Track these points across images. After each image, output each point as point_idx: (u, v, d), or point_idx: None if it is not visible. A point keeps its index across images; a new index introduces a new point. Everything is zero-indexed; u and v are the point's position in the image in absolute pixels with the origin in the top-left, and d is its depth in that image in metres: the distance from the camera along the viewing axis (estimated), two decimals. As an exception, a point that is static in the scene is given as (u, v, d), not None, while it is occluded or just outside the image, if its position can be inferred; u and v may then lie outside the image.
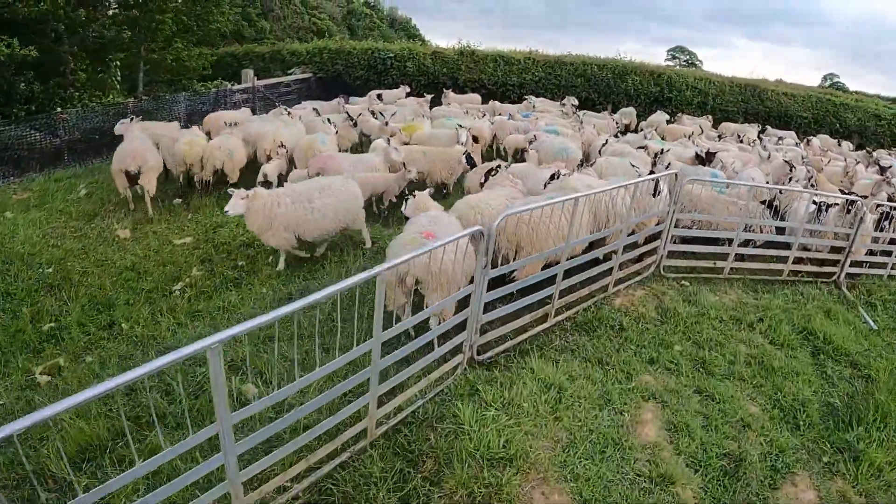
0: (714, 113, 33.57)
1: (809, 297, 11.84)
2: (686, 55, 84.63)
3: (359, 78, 35.69)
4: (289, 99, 31.39)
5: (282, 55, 37.41)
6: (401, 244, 8.50)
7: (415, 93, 31.52)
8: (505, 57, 35.43)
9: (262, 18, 65.05)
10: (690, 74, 36.13)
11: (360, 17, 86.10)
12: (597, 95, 34.69)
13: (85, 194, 16.57)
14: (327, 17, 76.57)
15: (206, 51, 31.14)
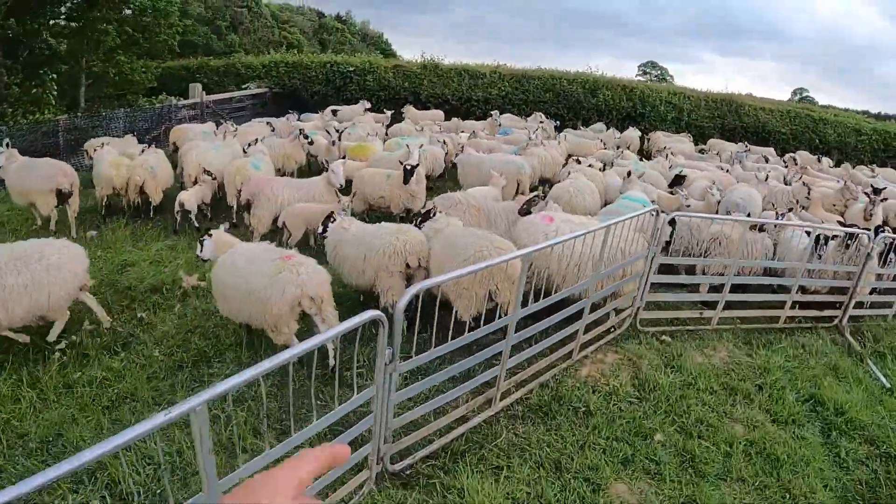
0: (689, 129, 32.33)
1: (812, 351, 9.96)
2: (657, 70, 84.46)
3: (316, 93, 34.02)
4: (241, 115, 29.72)
5: (236, 69, 35.51)
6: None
7: (375, 109, 29.72)
8: (470, 71, 33.87)
9: (232, 32, 63.87)
10: (664, 89, 34.78)
11: (331, 32, 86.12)
12: (566, 111, 33.12)
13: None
14: (298, 32, 76.31)
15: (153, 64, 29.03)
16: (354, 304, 10.16)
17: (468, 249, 8.39)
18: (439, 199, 11.84)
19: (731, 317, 10.44)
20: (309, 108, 29.62)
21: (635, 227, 8.86)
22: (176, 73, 35.76)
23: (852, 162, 31.01)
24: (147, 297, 10.77)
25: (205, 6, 62.28)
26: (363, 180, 14.27)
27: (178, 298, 10.69)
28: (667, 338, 9.54)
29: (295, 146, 17.76)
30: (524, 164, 16.08)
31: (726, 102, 33.58)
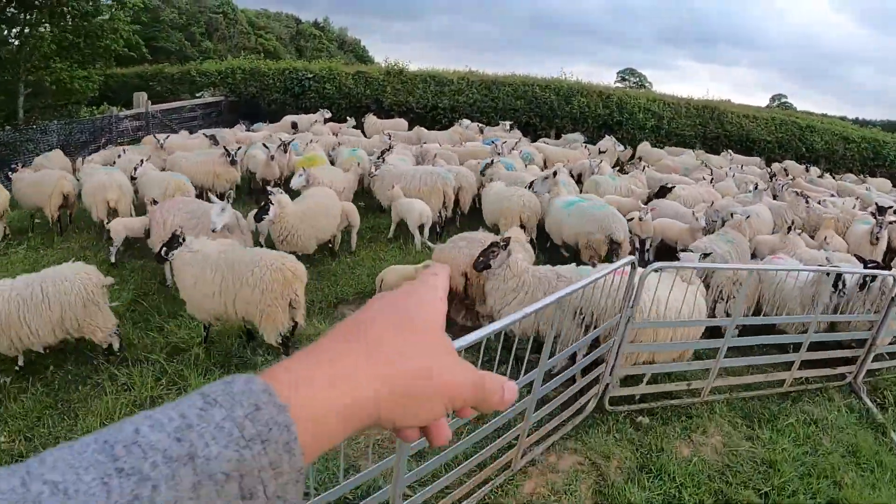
0: (670, 138, 30.60)
1: (825, 426, 7.89)
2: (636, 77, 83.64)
3: (274, 101, 32.22)
4: (192, 125, 27.82)
5: (191, 76, 33.49)
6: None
7: (337, 118, 28.24)
8: (436, 77, 32.04)
9: (207, 38, 62.49)
10: (643, 96, 32.92)
11: (308, 39, 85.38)
12: (538, 119, 31.28)
13: None
14: (274, 38, 75.14)
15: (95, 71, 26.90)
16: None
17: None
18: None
19: (724, 385, 8.37)
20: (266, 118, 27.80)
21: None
22: (129, 82, 34.02)
23: (840, 171, 29.82)
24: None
25: (178, 12, 60.81)
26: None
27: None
28: (644, 419, 7.44)
29: (224, 164, 15.71)
30: (448, 176, 14.68)
31: (708, 110, 31.87)
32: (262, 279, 7.94)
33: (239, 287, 8.00)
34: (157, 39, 55.73)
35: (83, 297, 7.85)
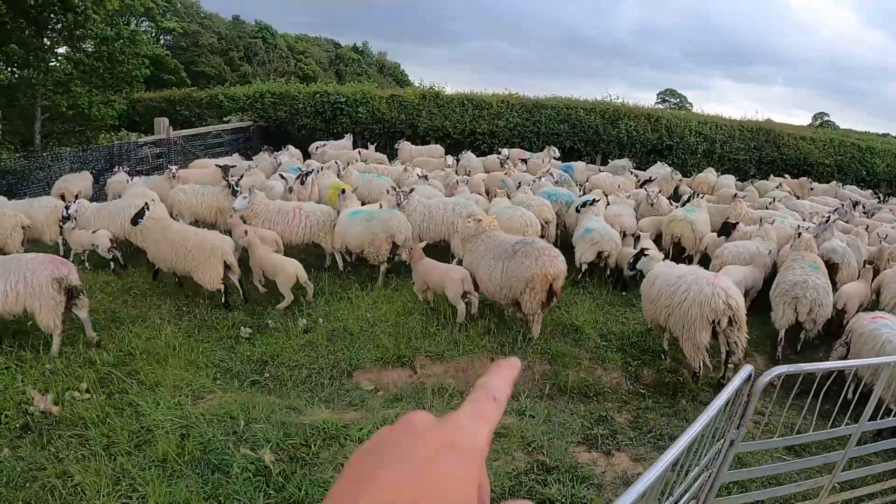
0: (723, 162, 28.65)
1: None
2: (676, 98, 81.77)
3: (304, 126, 30.76)
4: (219, 152, 26.66)
5: (219, 100, 32.29)
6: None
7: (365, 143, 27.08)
8: (474, 100, 30.38)
9: (246, 62, 62.22)
10: (693, 118, 30.80)
11: (347, 63, 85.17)
12: (583, 144, 29.47)
13: None
14: (314, 62, 74.75)
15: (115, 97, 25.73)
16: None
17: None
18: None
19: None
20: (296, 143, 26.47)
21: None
22: (156, 106, 32.89)
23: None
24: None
25: (217, 37, 60.47)
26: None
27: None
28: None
29: (228, 198, 14.59)
30: (396, 224, 13.21)
31: (763, 132, 29.81)
32: (198, 250, 11.58)
33: (186, 251, 11.62)
34: (196, 64, 55.41)
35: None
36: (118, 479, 6.42)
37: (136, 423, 7.38)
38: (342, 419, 7.34)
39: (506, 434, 7.26)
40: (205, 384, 8.73)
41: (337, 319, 11.04)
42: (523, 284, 10.18)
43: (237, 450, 6.62)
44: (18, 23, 22.09)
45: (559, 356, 10.12)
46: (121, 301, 11.85)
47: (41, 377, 8.57)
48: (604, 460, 7.07)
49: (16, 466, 6.70)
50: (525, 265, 10.15)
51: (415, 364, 9.83)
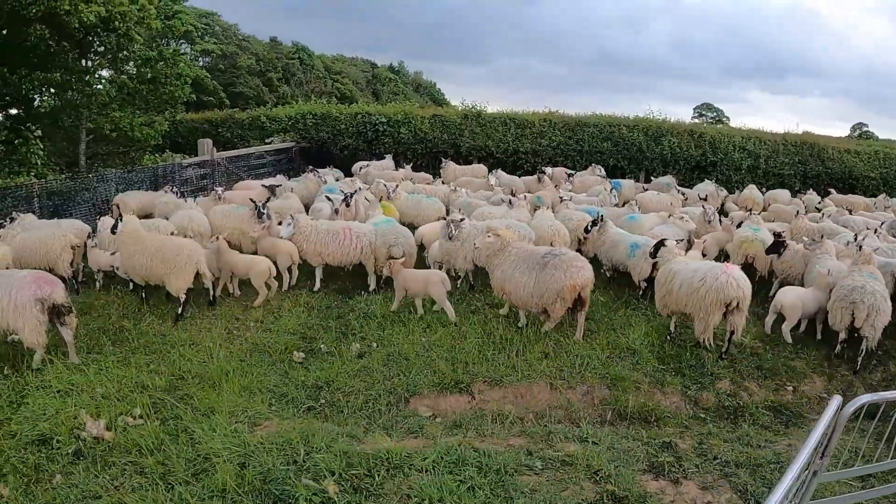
0: (767, 178, 28.01)
1: None
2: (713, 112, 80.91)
3: (347, 147, 30.74)
4: (262, 173, 26.87)
5: (261, 121, 32.46)
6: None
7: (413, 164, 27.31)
8: (517, 119, 30.12)
9: (284, 83, 62.75)
10: (736, 133, 30.26)
11: (384, 82, 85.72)
12: (627, 162, 29.10)
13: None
14: (351, 82, 75.25)
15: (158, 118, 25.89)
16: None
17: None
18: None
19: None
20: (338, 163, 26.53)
21: None
22: (199, 127, 33.23)
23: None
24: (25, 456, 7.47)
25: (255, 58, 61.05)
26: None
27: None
28: None
29: (252, 221, 14.70)
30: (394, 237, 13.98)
31: (807, 146, 29.18)
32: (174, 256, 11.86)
33: (162, 257, 11.91)
34: (234, 85, 55.90)
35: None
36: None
37: (192, 450, 7.24)
38: (405, 448, 7.17)
39: (571, 463, 7.09)
40: (260, 411, 8.61)
41: (391, 344, 10.92)
42: (554, 294, 10.83)
43: (299, 480, 6.44)
44: (62, 46, 22.30)
45: (618, 381, 9.99)
46: (170, 324, 11.82)
47: (92, 401, 8.47)
48: (672, 489, 6.86)
49: (70, 494, 6.60)
50: (555, 276, 10.79)
51: (472, 389, 9.70)
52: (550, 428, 8.41)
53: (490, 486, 6.45)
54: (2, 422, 8.12)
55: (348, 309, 12.59)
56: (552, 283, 10.82)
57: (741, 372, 10.78)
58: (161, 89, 25.14)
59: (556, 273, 10.82)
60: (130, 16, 22.09)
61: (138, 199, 18.15)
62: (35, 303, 9.47)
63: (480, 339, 11.04)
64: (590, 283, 11.16)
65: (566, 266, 10.85)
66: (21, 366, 9.70)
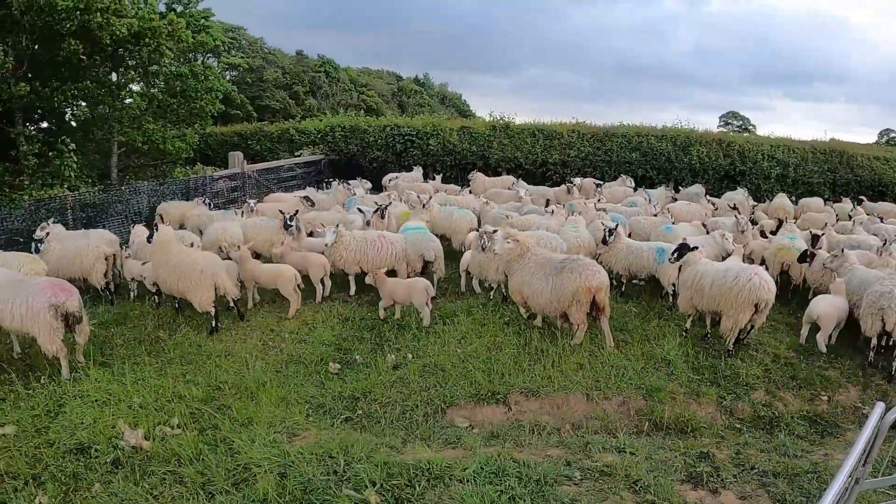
0: (796, 186, 27.89)
1: None
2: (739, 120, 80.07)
3: (376, 159, 31.15)
4: (291, 185, 27.05)
5: (290, 134, 32.66)
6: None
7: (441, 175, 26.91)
8: (545, 130, 30.20)
9: (311, 96, 63.01)
10: (765, 142, 30.08)
11: (409, 94, 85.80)
12: (655, 172, 29.04)
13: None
14: (376, 95, 75.36)
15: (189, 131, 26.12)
16: None
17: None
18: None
19: None
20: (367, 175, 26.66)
21: None
22: (228, 140, 33.47)
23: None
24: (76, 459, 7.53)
25: (282, 71, 61.36)
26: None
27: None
28: None
29: (280, 232, 14.97)
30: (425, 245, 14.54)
31: (836, 153, 29.07)
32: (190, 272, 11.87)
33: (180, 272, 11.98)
34: (261, 98, 56.18)
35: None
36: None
37: (232, 460, 7.25)
38: (445, 458, 7.20)
39: (610, 473, 7.08)
40: (298, 421, 8.62)
41: (427, 355, 10.93)
42: (570, 297, 11.17)
43: (339, 490, 6.44)
44: (93, 60, 22.55)
45: (654, 391, 9.95)
46: (205, 335, 11.93)
47: (130, 411, 8.52)
48: (711, 499, 6.84)
49: (109, 503, 6.64)
50: (571, 279, 11.16)
51: (509, 400, 9.69)
52: (588, 438, 8.38)
53: (530, 496, 6.44)
54: (40, 430, 8.19)
55: (382, 320, 12.64)
56: (568, 285, 11.18)
57: (776, 382, 10.72)
58: (192, 103, 25.36)
59: (571, 276, 11.17)
60: (160, 30, 22.32)
61: (180, 210, 18.46)
62: (49, 309, 9.63)
63: (516, 349, 11.03)
64: (605, 287, 11.41)
65: (581, 270, 11.23)
66: (58, 375, 9.81)
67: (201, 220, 16.73)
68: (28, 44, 20.56)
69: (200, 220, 16.77)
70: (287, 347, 11.50)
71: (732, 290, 11.19)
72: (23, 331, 9.89)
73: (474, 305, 13.24)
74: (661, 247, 14.16)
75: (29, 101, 20.99)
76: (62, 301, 9.75)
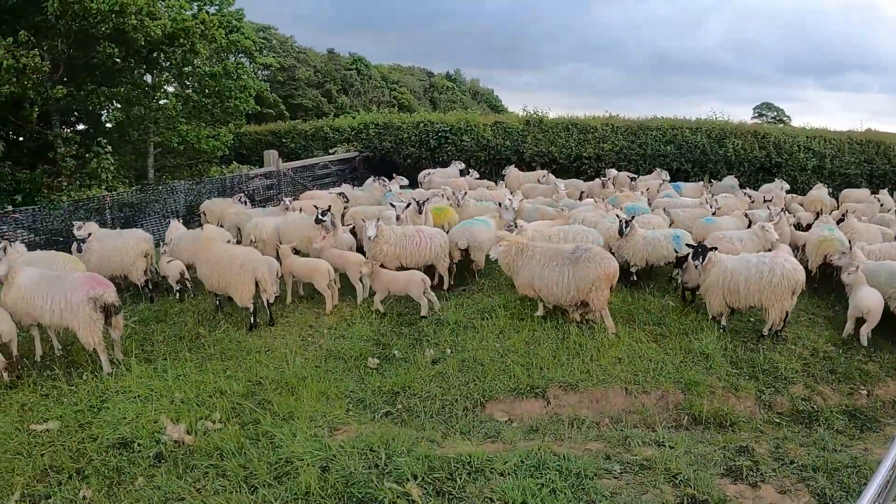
0: (833, 178, 27.19)
1: None
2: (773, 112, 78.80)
3: (410, 156, 31.14)
4: (326, 182, 27.23)
5: (324, 132, 32.79)
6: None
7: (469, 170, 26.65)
8: (578, 124, 30.01)
9: (343, 94, 63.17)
10: (800, 133, 29.45)
11: (441, 91, 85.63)
12: (690, 165, 28.70)
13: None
14: (408, 91, 75.34)
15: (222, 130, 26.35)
16: None
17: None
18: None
19: None
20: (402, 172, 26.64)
21: None
22: (263, 139, 33.71)
23: None
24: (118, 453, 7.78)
25: (313, 70, 61.52)
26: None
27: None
28: None
29: (314, 227, 14.94)
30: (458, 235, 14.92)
31: (873, 144, 28.23)
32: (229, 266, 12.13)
33: (220, 269, 12.24)
34: (293, 97, 56.35)
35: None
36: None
37: (274, 454, 7.32)
38: (485, 452, 7.24)
39: (649, 467, 7.09)
40: (339, 415, 8.69)
41: (465, 350, 10.97)
42: (590, 284, 11.59)
43: (381, 483, 6.50)
44: (128, 62, 22.81)
45: (692, 385, 9.92)
46: (245, 331, 12.07)
47: (171, 406, 8.67)
48: (750, 492, 6.83)
49: (153, 496, 6.73)
50: (591, 268, 11.60)
51: (548, 394, 9.70)
52: (627, 432, 8.36)
53: (571, 489, 6.46)
54: (83, 426, 8.37)
55: (420, 316, 12.73)
56: (589, 274, 11.58)
57: (815, 376, 10.64)
58: (226, 102, 25.57)
59: (590, 265, 11.60)
60: (194, 30, 22.53)
61: (222, 207, 18.64)
62: (88, 301, 9.85)
63: (554, 344, 11.03)
64: (617, 274, 12.01)
65: (598, 258, 11.73)
66: (100, 372, 9.99)
67: (239, 218, 16.86)
68: (63, 48, 20.85)
69: (238, 218, 16.89)
70: (326, 343, 11.61)
71: (772, 282, 11.32)
72: (63, 325, 10.13)
73: (511, 300, 13.20)
74: (676, 234, 14.27)
75: (65, 103, 21.36)
76: (100, 294, 9.97)
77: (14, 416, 8.76)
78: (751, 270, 11.59)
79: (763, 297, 11.50)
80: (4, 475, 7.32)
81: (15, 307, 10.22)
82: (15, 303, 10.23)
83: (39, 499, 6.94)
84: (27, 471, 7.38)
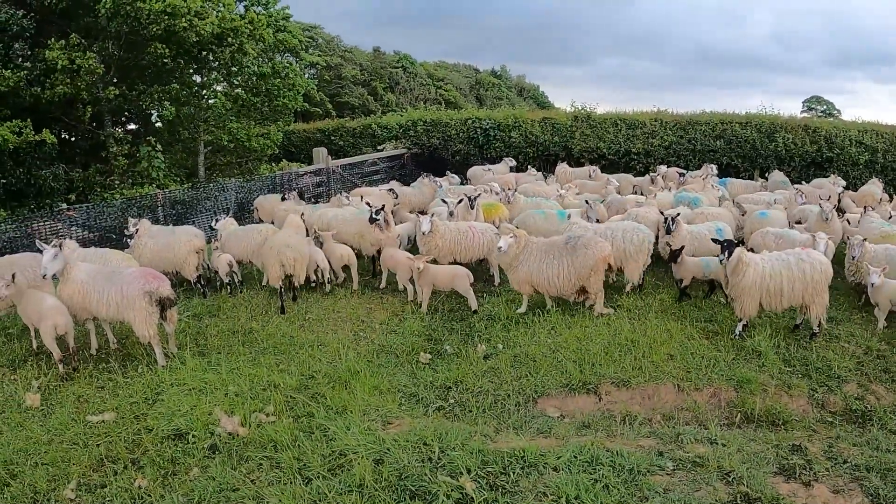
0: (885, 173, 26.79)
1: None
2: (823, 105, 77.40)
3: (458, 152, 31.20)
4: (375, 179, 27.33)
5: (372, 129, 32.95)
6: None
7: (521, 167, 27.14)
8: (627, 120, 29.80)
9: (389, 91, 63.43)
10: (852, 127, 28.79)
11: (487, 87, 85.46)
12: (741, 160, 28.39)
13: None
14: (454, 88, 75.41)
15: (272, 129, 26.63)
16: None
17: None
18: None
19: None
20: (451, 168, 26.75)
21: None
22: (311, 137, 33.95)
23: None
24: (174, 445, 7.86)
25: (359, 69, 61.87)
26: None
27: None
28: None
29: (368, 226, 15.00)
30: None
31: (926, 137, 27.72)
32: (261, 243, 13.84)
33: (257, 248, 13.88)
34: (340, 95, 56.65)
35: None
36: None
37: (327, 447, 7.34)
38: (538, 447, 7.26)
39: (702, 464, 7.05)
40: (391, 409, 8.71)
41: (517, 345, 10.94)
42: (589, 270, 12.14)
43: (435, 476, 6.49)
44: (178, 63, 23.12)
45: (745, 383, 9.81)
46: (297, 325, 12.20)
47: (225, 398, 8.74)
48: (804, 491, 6.77)
49: (208, 486, 6.77)
50: (587, 254, 12.15)
51: (600, 390, 9.65)
52: (679, 429, 8.27)
53: (624, 485, 6.44)
54: (138, 417, 8.48)
55: (471, 311, 12.79)
56: (586, 260, 12.12)
57: (868, 375, 10.41)
58: (274, 101, 25.83)
59: (587, 251, 12.14)
60: (242, 30, 22.77)
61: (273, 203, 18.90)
62: (143, 295, 9.98)
63: (606, 340, 10.95)
64: (611, 256, 12.57)
65: (592, 244, 12.27)
66: (155, 365, 10.15)
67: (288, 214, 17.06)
68: (114, 49, 21.18)
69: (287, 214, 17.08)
70: (378, 338, 11.68)
71: (813, 279, 11.29)
72: (119, 318, 10.31)
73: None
74: (718, 226, 14.37)
75: (117, 104, 21.69)
76: (155, 287, 10.09)
77: (70, 408, 8.90)
78: (793, 270, 11.40)
79: (806, 294, 11.38)
80: (61, 465, 7.42)
81: (71, 301, 10.33)
82: (71, 297, 10.34)
83: (95, 488, 7.05)
84: (83, 461, 7.48)
